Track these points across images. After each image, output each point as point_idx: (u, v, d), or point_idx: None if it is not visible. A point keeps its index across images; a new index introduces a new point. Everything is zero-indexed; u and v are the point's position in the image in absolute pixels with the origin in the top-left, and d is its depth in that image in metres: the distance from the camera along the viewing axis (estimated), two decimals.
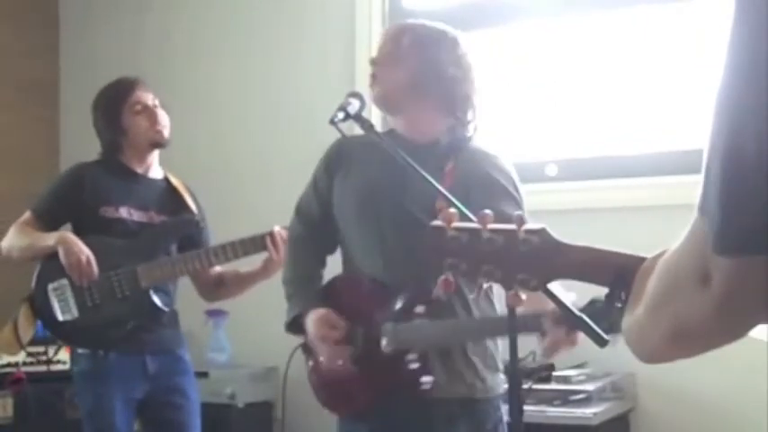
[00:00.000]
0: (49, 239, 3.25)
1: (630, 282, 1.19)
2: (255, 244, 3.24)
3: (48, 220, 3.34)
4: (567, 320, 1.79)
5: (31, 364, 3.85)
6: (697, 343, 0.96)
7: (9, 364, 3.89)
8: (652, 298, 0.99)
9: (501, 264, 1.21)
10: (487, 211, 1.24)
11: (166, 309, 3.33)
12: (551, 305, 1.43)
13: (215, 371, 4.11)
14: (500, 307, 2.50)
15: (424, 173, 2.28)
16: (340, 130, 2.48)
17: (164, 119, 3.38)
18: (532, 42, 4.06)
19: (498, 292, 2.40)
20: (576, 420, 3.22)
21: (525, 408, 2.27)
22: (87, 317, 3.25)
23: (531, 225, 1.21)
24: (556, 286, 1.30)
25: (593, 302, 1.80)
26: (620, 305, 1.22)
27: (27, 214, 3.37)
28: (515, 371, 2.23)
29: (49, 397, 3.30)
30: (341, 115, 2.37)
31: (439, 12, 4.22)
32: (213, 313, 4.24)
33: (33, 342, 3.53)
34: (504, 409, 2.48)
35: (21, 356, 3.84)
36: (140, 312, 3.28)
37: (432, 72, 2.48)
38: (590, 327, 1.90)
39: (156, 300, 3.30)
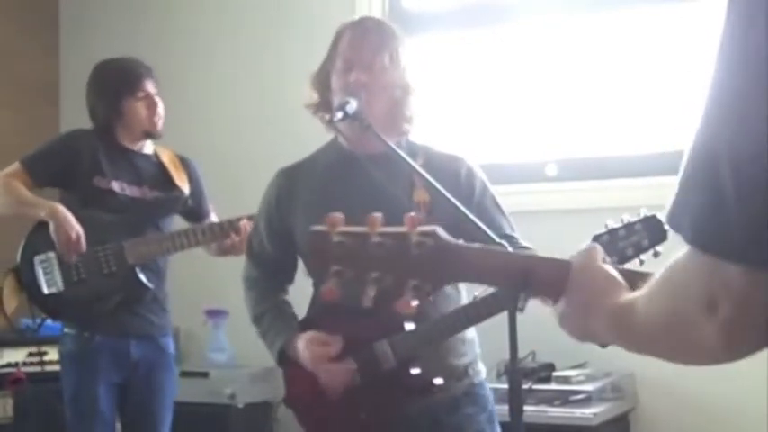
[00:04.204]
0: (40, 209, 3.19)
1: (533, 283, 1.14)
2: (236, 225, 3.27)
3: (37, 177, 3.27)
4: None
5: (32, 364, 3.84)
6: (702, 361, 0.99)
7: (9, 364, 3.89)
8: (656, 318, 1.00)
9: (391, 270, 1.11)
10: (376, 214, 1.13)
11: (151, 286, 3.30)
12: None
13: (215, 371, 4.10)
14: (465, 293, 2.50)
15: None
16: (339, 131, 2.48)
17: (161, 108, 3.37)
18: (532, 42, 4.06)
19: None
20: (576, 420, 3.22)
21: (525, 408, 2.26)
22: (73, 291, 3.23)
23: (423, 227, 1.11)
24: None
25: None
26: (521, 308, 1.16)
27: (16, 166, 3.27)
28: (515, 371, 2.22)
29: (49, 397, 3.30)
30: (340, 115, 2.35)
31: (439, 12, 4.23)
32: (213, 313, 4.24)
33: (28, 334, 3.53)
34: (504, 408, 2.48)
35: (21, 356, 3.83)
36: (125, 289, 3.26)
37: None
38: None
39: (143, 277, 3.28)
